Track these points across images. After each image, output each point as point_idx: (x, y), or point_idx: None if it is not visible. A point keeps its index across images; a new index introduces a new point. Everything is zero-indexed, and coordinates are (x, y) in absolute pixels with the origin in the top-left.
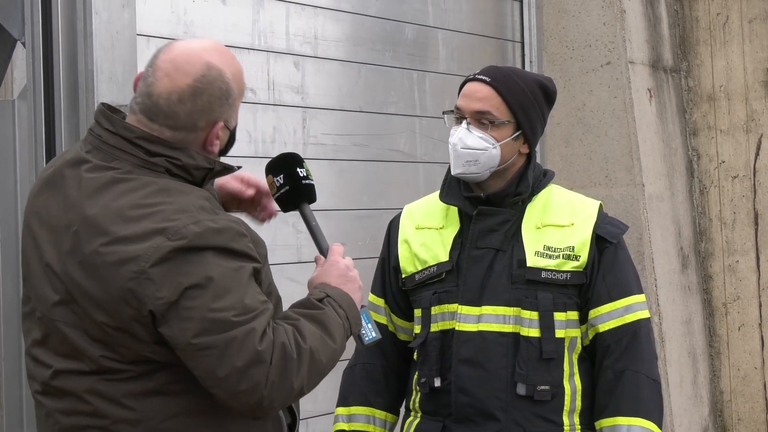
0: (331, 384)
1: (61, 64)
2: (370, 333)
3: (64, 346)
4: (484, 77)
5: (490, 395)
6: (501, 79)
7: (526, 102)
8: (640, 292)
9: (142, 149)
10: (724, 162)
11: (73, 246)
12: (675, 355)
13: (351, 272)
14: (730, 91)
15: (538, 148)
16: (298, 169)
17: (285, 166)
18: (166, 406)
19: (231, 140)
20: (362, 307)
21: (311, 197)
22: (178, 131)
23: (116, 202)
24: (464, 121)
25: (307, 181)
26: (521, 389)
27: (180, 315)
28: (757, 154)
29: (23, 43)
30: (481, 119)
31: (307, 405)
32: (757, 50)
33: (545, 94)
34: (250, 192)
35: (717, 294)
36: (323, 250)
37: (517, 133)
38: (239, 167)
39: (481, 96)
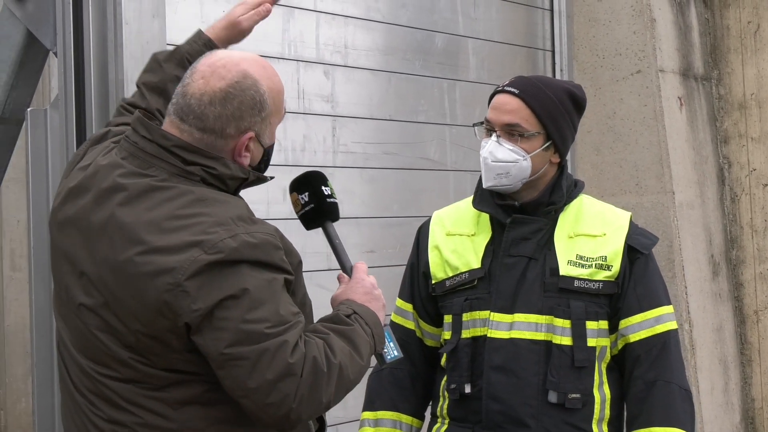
0: (360, 390)
1: (92, 74)
2: (392, 351)
3: (99, 352)
4: (512, 89)
5: (522, 402)
6: (529, 91)
7: (555, 112)
8: (669, 303)
9: (179, 158)
10: (755, 170)
11: (107, 253)
12: (706, 363)
13: (376, 291)
14: (761, 99)
15: (568, 157)
16: (323, 188)
17: (309, 184)
18: (204, 415)
19: (266, 159)
20: (385, 325)
21: (334, 216)
22: (206, 133)
23: (153, 212)
24: (494, 134)
25: (331, 200)
26: (552, 397)
27: (214, 325)
28: None
29: (55, 53)
30: (511, 131)
31: (337, 412)
32: None
33: (574, 102)
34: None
35: (748, 301)
36: (346, 269)
37: (547, 144)
38: (272, 177)
39: (510, 108)
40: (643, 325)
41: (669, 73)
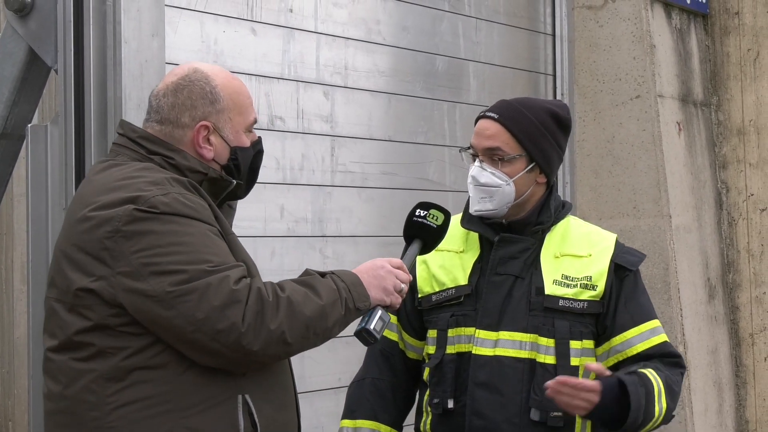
0: None
1: (92, 91)
2: (372, 323)
3: (51, 322)
4: (492, 114)
5: (505, 419)
6: (509, 114)
7: (536, 133)
8: (657, 317)
9: (143, 147)
10: (752, 195)
11: (67, 221)
12: (700, 384)
13: (381, 270)
14: (759, 126)
15: (568, 179)
16: (418, 210)
17: (420, 206)
18: (121, 393)
19: (236, 164)
20: (377, 306)
21: (423, 238)
22: (164, 125)
23: (104, 179)
24: (477, 159)
25: (417, 219)
26: (535, 415)
27: (155, 270)
28: None
29: (56, 71)
30: (492, 156)
31: (331, 427)
32: None
33: (557, 121)
34: None
35: (744, 324)
36: None
37: (530, 166)
38: (239, 182)
39: (491, 133)
40: (640, 338)
41: (668, 99)
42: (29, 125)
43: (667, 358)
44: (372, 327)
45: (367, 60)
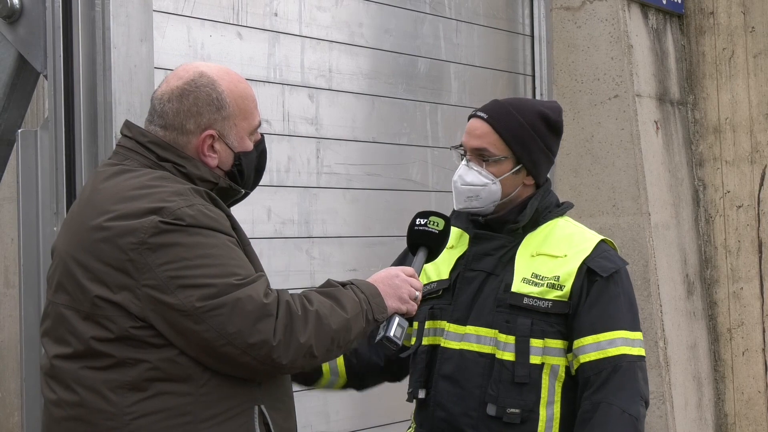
0: (344, 404)
1: (82, 96)
2: (392, 330)
3: (60, 329)
4: (482, 114)
5: (462, 412)
6: (498, 116)
7: (524, 136)
8: (634, 329)
9: (154, 153)
10: (729, 192)
11: (78, 225)
12: (680, 379)
13: (396, 279)
14: (735, 124)
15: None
16: (418, 219)
17: (419, 215)
18: (141, 404)
19: (240, 169)
20: (394, 314)
21: (428, 245)
22: (167, 130)
23: (118, 186)
24: (465, 158)
25: (419, 228)
26: (491, 410)
27: (184, 283)
28: (761, 185)
29: (45, 76)
30: (479, 155)
31: (320, 426)
32: (761, 84)
33: (547, 124)
34: None
35: (722, 320)
36: None
37: (517, 167)
38: (247, 192)
39: (479, 133)
40: (594, 347)
41: (645, 98)
42: (19, 130)
43: (617, 377)
44: (392, 334)
45: (350, 62)
